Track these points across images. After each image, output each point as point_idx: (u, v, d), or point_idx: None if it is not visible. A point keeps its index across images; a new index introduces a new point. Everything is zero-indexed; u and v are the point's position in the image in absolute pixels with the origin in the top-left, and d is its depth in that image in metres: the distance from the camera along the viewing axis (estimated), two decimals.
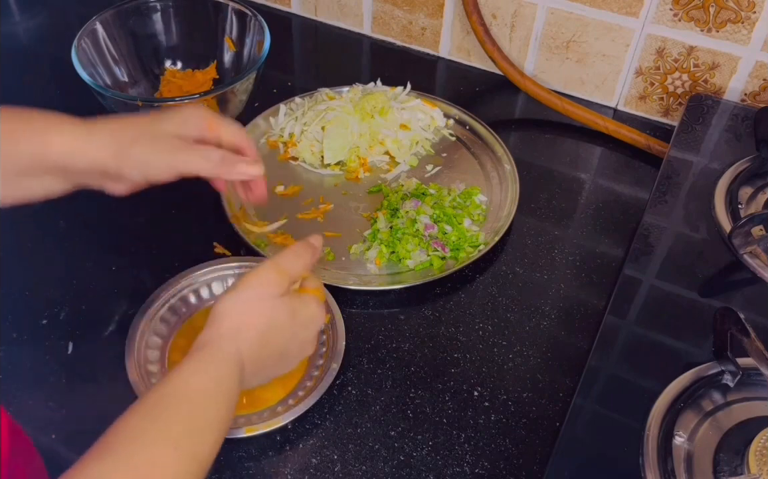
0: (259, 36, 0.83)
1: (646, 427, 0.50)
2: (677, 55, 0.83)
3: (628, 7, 0.82)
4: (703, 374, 0.53)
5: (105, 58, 0.83)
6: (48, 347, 0.63)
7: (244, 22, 0.85)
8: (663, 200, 0.69)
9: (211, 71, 0.88)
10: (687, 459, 0.49)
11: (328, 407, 0.59)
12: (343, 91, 0.87)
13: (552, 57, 0.90)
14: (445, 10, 0.94)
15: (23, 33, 1.02)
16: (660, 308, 0.60)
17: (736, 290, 0.63)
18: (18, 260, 0.71)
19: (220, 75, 0.88)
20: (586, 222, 0.76)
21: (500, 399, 0.60)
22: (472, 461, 0.56)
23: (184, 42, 0.89)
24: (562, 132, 0.88)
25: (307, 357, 0.61)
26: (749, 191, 0.70)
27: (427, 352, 0.64)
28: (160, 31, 0.88)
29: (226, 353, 0.48)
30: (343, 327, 0.62)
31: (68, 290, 0.68)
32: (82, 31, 0.80)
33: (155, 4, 0.87)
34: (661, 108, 0.88)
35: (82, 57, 0.78)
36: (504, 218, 0.74)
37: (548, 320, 0.67)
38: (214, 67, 0.88)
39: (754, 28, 0.77)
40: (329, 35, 1.03)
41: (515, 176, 0.78)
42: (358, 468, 0.56)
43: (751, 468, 0.47)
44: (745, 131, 0.76)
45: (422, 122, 0.85)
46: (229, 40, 0.86)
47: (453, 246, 0.70)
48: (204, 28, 0.88)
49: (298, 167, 0.81)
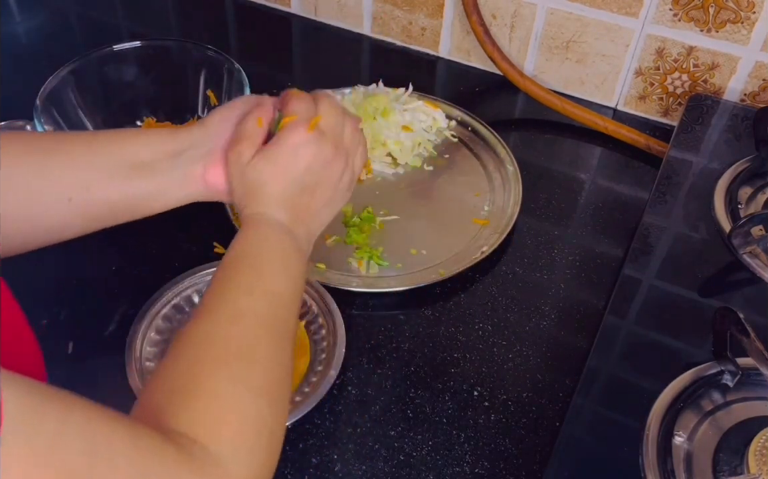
0: (239, 88, 0.78)
1: (646, 427, 0.50)
2: (677, 55, 0.83)
3: (628, 8, 0.82)
4: (702, 374, 0.54)
5: (70, 116, 0.76)
6: (48, 347, 0.63)
7: (221, 73, 0.80)
8: (663, 200, 0.69)
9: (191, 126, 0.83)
10: (687, 458, 0.49)
11: (328, 407, 0.59)
12: (344, 92, 0.87)
13: (552, 57, 0.90)
14: (445, 10, 0.94)
15: (23, 33, 1.02)
16: (660, 308, 0.60)
17: (736, 290, 0.64)
18: (18, 260, 0.71)
19: None
20: (586, 222, 0.76)
21: (500, 399, 0.61)
22: (472, 461, 0.56)
23: (161, 94, 0.83)
24: (562, 132, 0.88)
25: (307, 364, 0.61)
26: (749, 191, 0.70)
27: (427, 352, 0.64)
28: (135, 83, 0.82)
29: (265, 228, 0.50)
30: (343, 331, 0.62)
31: (68, 290, 0.68)
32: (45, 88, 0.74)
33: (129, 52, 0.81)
34: (661, 108, 0.88)
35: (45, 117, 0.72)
36: (507, 219, 0.74)
37: (548, 320, 0.67)
38: (194, 123, 0.80)
39: (753, 28, 0.77)
40: (329, 35, 1.03)
41: (518, 178, 0.78)
42: (358, 467, 0.56)
43: (750, 468, 0.47)
44: (745, 131, 0.77)
45: (424, 123, 0.85)
46: (212, 93, 0.82)
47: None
48: (181, 81, 0.83)
49: None
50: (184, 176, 0.53)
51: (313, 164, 0.51)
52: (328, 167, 0.52)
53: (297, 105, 0.52)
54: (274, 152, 0.51)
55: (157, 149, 0.53)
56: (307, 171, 0.51)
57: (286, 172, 0.50)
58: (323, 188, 0.52)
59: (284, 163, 0.50)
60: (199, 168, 0.53)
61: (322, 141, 0.51)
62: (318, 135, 0.51)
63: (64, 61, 0.77)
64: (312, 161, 0.51)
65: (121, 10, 1.07)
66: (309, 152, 0.51)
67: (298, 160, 0.50)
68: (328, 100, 0.53)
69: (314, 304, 0.65)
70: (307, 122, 0.51)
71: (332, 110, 0.53)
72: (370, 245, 0.72)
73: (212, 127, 0.54)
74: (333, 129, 0.52)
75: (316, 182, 0.51)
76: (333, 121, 0.52)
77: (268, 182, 0.50)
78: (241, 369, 0.41)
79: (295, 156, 0.50)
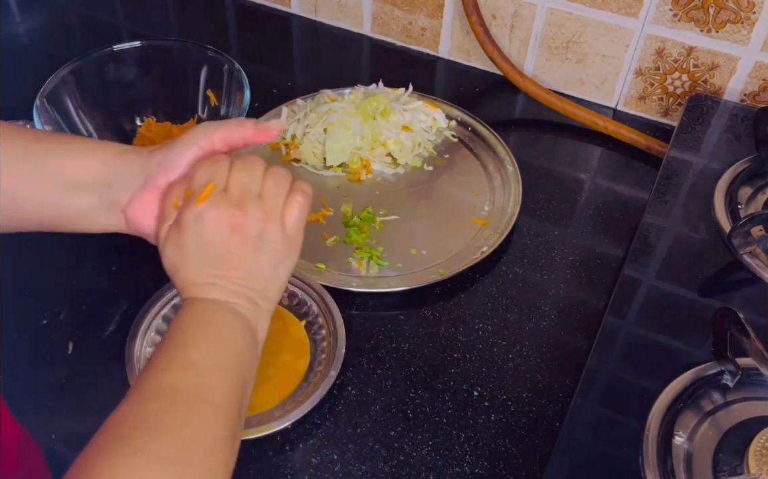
0: (239, 89, 0.77)
1: (646, 427, 0.50)
2: (677, 55, 0.83)
3: (628, 8, 0.82)
4: (702, 374, 0.54)
5: (70, 115, 0.76)
6: (48, 347, 0.63)
7: (221, 73, 0.80)
8: (663, 201, 0.69)
9: (190, 127, 0.81)
10: (687, 458, 0.49)
11: (328, 407, 0.59)
12: (345, 92, 0.87)
13: (552, 57, 0.90)
14: (445, 10, 0.94)
15: (23, 33, 1.02)
16: (660, 308, 0.60)
17: (736, 290, 0.64)
18: (18, 260, 0.71)
19: None
20: (586, 222, 0.76)
21: (500, 399, 0.61)
22: (472, 461, 0.56)
23: (161, 94, 0.82)
24: (562, 132, 0.88)
25: (307, 364, 0.61)
26: (749, 191, 0.70)
27: (427, 352, 0.64)
28: (135, 83, 0.81)
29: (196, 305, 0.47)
30: (343, 331, 0.62)
31: (68, 290, 0.68)
32: (45, 88, 0.74)
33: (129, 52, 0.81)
34: (661, 108, 0.88)
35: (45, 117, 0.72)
36: (507, 219, 0.74)
37: (548, 320, 0.67)
38: (194, 123, 0.82)
39: (753, 28, 0.77)
40: (329, 35, 1.03)
41: (518, 178, 0.78)
42: (358, 467, 0.56)
43: (750, 468, 0.47)
44: (745, 131, 0.77)
45: (424, 123, 0.85)
46: (212, 93, 0.81)
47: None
48: (181, 81, 0.82)
49: (301, 169, 0.81)
50: (110, 205, 0.51)
51: (214, 236, 0.47)
52: (238, 230, 0.47)
53: (199, 177, 0.49)
54: (175, 236, 0.48)
55: (95, 170, 0.51)
56: (212, 244, 0.47)
57: (189, 254, 0.48)
58: (241, 252, 0.48)
59: (185, 244, 0.48)
60: (124, 201, 0.51)
61: (219, 208, 0.47)
62: (211, 205, 0.47)
63: (64, 61, 0.77)
64: (212, 232, 0.47)
65: (121, 10, 1.07)
66: (206, 226, 0.47)
67: (197, 237, 0.47)
68: (240, 161, 0.50)
69: (314, 304, 0.65)
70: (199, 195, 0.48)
71: (243, 167, 0.49)
72: (370, 246, 0.72)
73: (153, 166, 0.51)
74: (241, 187, 0.49)
75: (227, 251, 0.48)
76: (240, 179, 0.49)
77: (178, 268, 0.48)
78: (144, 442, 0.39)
79: (193, 235, 0.47)
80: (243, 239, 0.48)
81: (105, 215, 0.52)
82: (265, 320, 0.49)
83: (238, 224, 0.48)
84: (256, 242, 0.48)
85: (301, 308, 0.65)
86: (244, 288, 0.48)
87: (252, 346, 0.47)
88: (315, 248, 0.72)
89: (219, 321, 0.47)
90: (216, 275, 0.48)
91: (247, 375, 0.46)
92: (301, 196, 0.51)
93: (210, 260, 0.48)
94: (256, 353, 0.48)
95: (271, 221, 0.49)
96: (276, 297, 0.50)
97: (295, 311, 0.65)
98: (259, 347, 0.48)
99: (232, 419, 0.43)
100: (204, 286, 0.47)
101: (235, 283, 0.48)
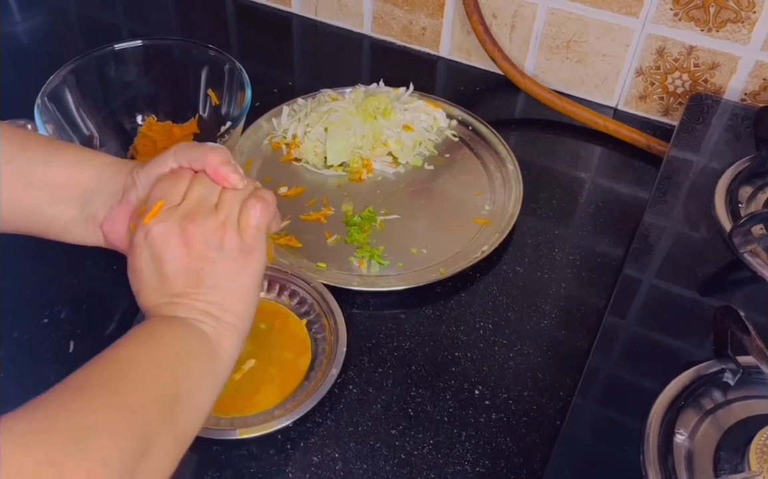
0: (240, 88, 0.76)
1: (647, 426, 0.51)
2: (677, 54, 0.83)
3: (628, 7, 0.82)
4: (703, 372, 0.54)
5: (71, 115, 0.75)
6: (49, 347, 0.63)
7: (222, 72, 0.79)
8: (663, 200, 0.70)
9: (191, 126, 0.81)
10: (688, 457, 0.49)
11: (330, 406, 0.59)
12: (345, 92, 0.87)
13: (552, 57, 0.90)
14: (446, 10, 0.94)
15: (23, 33, 1.02)
16: (660, 308, 0.60)
17: (737, 288, 0.64)
18: (18, 260, 0.71)
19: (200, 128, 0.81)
20: (587, 222, 0.76)
21: (501, 398, 0.61)
22: (473, 459, 0.56)
23: (161, 94, 0.81)
24: (563, 132, 0.88)
25: (308, 362, 0.61)
26: (749, 190, 0.71)
27: (428, 351, 0.64)
28: (135, 83, 0.81)
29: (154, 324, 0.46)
30: (344, 330, 0.62)
31: (69, 289, 0.68)
32: (46, 87, 0.73)
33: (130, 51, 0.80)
34: (661, 108, 0.88)
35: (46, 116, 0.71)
36: (508, 218, 0.74)
37: (549, 319, 0.67)
38: (195, 122, 0.81)
39: (754, 28, 0.77)
40: (329, 35, 1.03)
41: (519, 177, 0.78)
42: (359, 466, 0.56)
43: (751, 466, 0.47)
44: (745, 130, 0.77)
45: (425, 122, 0.85)
46: (212, 93, 0.80)
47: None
48: (182, 80, 0.81)
49: (302, 168, 0.81)
50: (87, 219, 0.51)
51: (164, 252, 0.46)
52: (189, 243, 0.46)
53: (155, 194, 0.48)
54: (131, 258, 0.47)
55: (79, 183, 0.50)
56: (163, 261, 0.46)
57: (143, 277, 0.47)
58: (194, 265, 0.46)
59: (138, 267, 0.47)
60: (100, 216, 0.50)
61: (167, 222, 0.46)
62: (158, 220, 0.46)
63: (65, 61, 0.77)
64: (162, 249, 0.46)
65: (121, 10, 1.07)
66: (155, 243, 0.46)
67: (148, 256, 0.46)
68: (202, 174, 0.49)
69: (315, 303, 0.65)
70: (149, 212, 0.47)
71: (202, 179, 0.48)
72: (371, 245, 0.72)
73: (129, 182, 0.50)
74: (196, 200, 0.47)
75: (180, 266, 0.46)
76: (198, 191, 0.48)
77: (138, 293, 0.47)
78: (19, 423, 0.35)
79: (143, 254, 0.46)
80: (196, 252, 0.46)
81: (83, 230, 0.51)
82: (231, 333, 0.47)
83: (189, 237, 0.46)
84: (210, 253, 0.46)
85: (302, 307, 0.65)
86: (201, 302, 0.46)
87: (203, 357, 0.45)
88: (316, 248, 0.72)
89: (162, 330, 0.45)
90: (171, 294, 0.46)
91: (188, 383, 0.43)
92: (258, 201, 0.49)
93: (164, 279, 0.46)
94: (211, 367, 0.45)
95: (227, 229, 0.47)
96: (242, 309, 0.48)
97: (296, 310, 0.65)
98: (221, 362, 0.46)
99: (145, 415, 0.39)
100: (162, 307, 0.46)
101: (192, 299, 0.46)
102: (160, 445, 0.39)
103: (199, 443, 0.56)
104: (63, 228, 0.51)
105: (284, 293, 0.66)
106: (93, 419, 0.36)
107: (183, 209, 0.47)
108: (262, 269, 0.49)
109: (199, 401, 0.44)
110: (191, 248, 0.46)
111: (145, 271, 0.47)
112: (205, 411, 0.45)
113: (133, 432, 0.37)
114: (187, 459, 0.55)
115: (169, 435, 0.40)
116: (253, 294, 0.49)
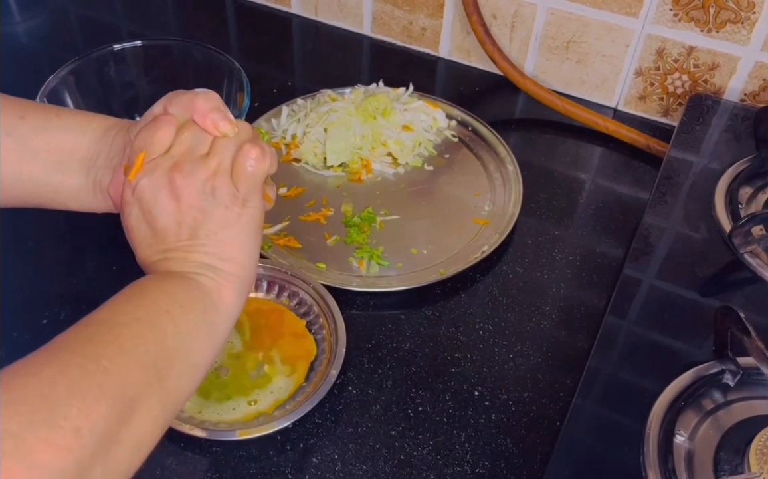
0: (239, 89, 0.77)
1: (647, 426, 0.50)
2: (677, 55, 0.83)
3: (628, 8, 0.82)
4: (703, 373, 0.54)
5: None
6: None
7: (221, 73, 0.79)
8: (663, 200, 0.70)
9: None
10: (688, 458, 0.49)
11: (329, 407, 0.59)
12: (345, 92, 0.87)
13: (552, 57, 0.90)
14: (445, 10, 0.94)
15: (23, 33, 1.02)
16: (660, 308, 0.60)
17: (737, 289, 0.64)
18: (18, 260, 0.71)
19: None
20: (587, 222, 0.76)
21: (501, 399, 0.61)
22: (473, 460, 0.56)
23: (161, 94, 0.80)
24: (563, 132, 0.88)
25: (308, 363, 0.61)
26: (749, 190, 0.70)
27: (428, 352, 0.64)
28: (135, 83, 0.81)
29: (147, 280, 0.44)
30: (344, 331, 0.62)
31: (68, 290, 0.68)
32: (46, 88, 0.73)
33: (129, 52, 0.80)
34: (661, 108, 0.88)
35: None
36: (507, 219, 0.74)
37: (549, 320, 0.67)
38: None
39: (753, 28, 0.77)
40: (329, 35, 1.03)
41: (518, 177, 0.78)
42: (359, 467, 0.56)
43: (751, 467, 0.47)
44: (745, 131, 0.77)
45: (425, 123, 0.85)
46: None
47: None
48: (181, 81, 0.80)
49: (301, 169, 0.81)
50: (95, 186, 0.49)
51: (153, 206, 0.44)
52: (178, 193, 0.44)
53: (136, 143, 0.46)
54: (122, 219, 0.46)
55: (81, 148, 0.49)
56: (152, 215, 0.44)
57: (136, 235, 0.46)
58: (186, 215, 0.44)
59: (131, 226, 0.46)
60: (106, 181, 0.49)
61: (153, 174, 0.44)
62: (144, 173, 0.45)
63: (64, 61, 0.77)
64: (150, 203, 0.44)
65: (121, 10, 1.07)
66: (142, 197, 0.44)
67: (137, 212, 0.45)
68: (188, 122, 0.47)
69: (315, 304, 0.65)
70: (132, 168, 0.45)
71: (191, 126, 0.46)
72: (371, 245, 0.72)
73: (129, 141, 0.48)
74: (185, 148, 0.46)
75: (172, 219, 0.44)
76: (186, 139, 0.46)
77: (136, 253, 0.46)
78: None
79: (133, 211, 0.45)
80: (186, 203, 0.44)
81: (92, 197, 0.50)
82: (232, 284, 0.45)
83: (178, 188, 0.44)
84: (201, 202, 0.44)
85: (301, 307, 0.65)
86: (197, 254, 0.44)
87: (196, 310, 0.43)
88: (315, 248, 0.72)
89: (150, 286, 0.42)
90: (165, 249, 0.44)
91: (177, 339, 0.40)
92: (254, 147, 0.46)
93: (157, 234, 0.45)
94: (207, 319, 0.43)
95: (218, 175, 0.45)
96: (242, 257, 0.46)
97: (296, 311, 0.65)
98: (222, 314, 0.44)
99: (124, 378, 0.37)
100: (157, 264, 0.45)
101: (187, 252, 0.44)
102: (144, 408, 0.37)
103: (199, 444, 0.56)
104: (71, 197, 0.50)
105: (284, 294, 0.66)
106: (64, 385, 0.34)
107: (170, 159, 0.45)
108: (260, 216, 0.47)
109: (193, 357, 0.42)
110: (181, 199, 0.44)
111: (137, 228, 0.45)
112: (201, 368, 0.43)
113: (110, 396, 0.35)
114: (187, 459, 0.55)
115: (155, 398, 0.38)
116: (253, 241, 0.47)
